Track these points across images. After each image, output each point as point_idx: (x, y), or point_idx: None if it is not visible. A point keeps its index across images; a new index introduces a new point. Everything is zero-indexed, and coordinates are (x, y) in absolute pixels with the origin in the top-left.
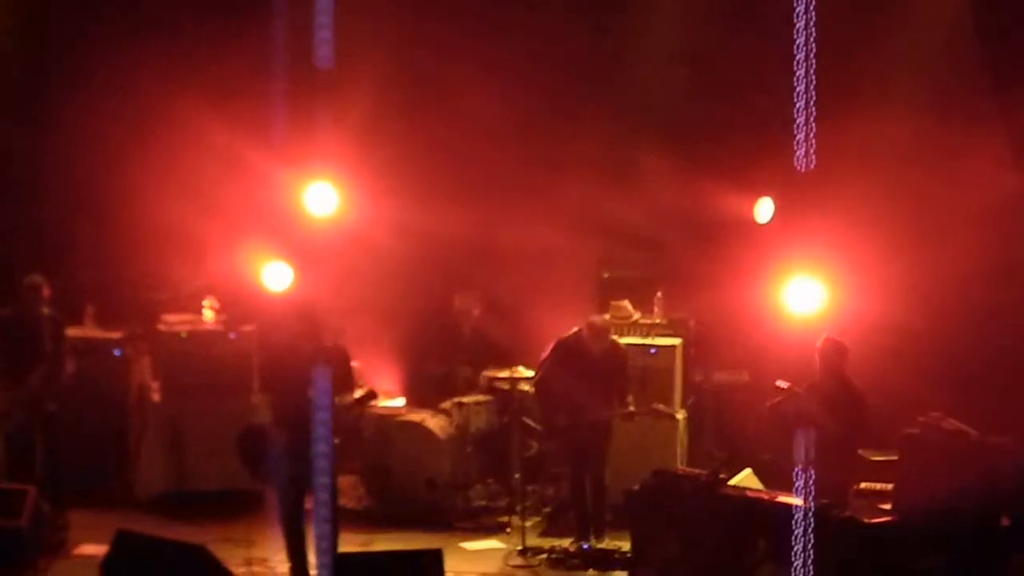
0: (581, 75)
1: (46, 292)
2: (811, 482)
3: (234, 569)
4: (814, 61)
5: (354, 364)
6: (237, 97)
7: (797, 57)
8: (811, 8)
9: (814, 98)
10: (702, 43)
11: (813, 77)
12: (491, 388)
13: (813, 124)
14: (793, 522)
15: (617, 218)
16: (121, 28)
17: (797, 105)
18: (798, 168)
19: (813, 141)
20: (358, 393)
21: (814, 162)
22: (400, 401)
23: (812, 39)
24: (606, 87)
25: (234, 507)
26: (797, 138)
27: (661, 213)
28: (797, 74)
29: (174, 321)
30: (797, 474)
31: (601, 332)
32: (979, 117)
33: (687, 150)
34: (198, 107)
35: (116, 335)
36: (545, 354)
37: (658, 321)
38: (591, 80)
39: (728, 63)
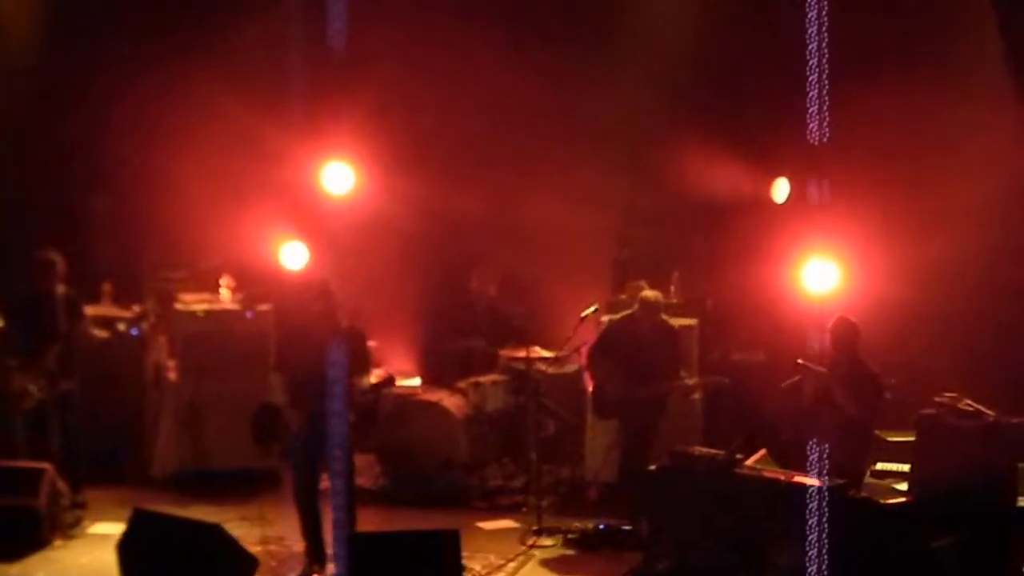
0: (598, 53)
1: (61, 269)
2: (827, 463)
3: (250, 547)
4: (827, 38)
5: (370, 344)
6: (255, 77)
7: (810, 34)
8: None
9: (827, 75)
10: (717, 19)
11: (826, 54)
12: (507, 367)
13: (827, 101)
14: (809, 503)
15: (634, 197)
16: (142, 8)
17: (810, 84)
18: (812, 146)
19: (827, 118)
20: (375, 377)
21: (827, 138)
22: (416, 381)
23: (825, 15)
24: (623, 65)
25: (250, 486)
26: (810, 116)
27: (678, 192)
28: (810, 52)
29: (191, 300)
30: (813, 455)
31: (654, 308)
32: (996, 95)
33: (705, 129)
34: (216, 87)
35: (133, 314)
36: (584, 339)
37: (675, 301)
38: (608, 58)
39: (744, 40)
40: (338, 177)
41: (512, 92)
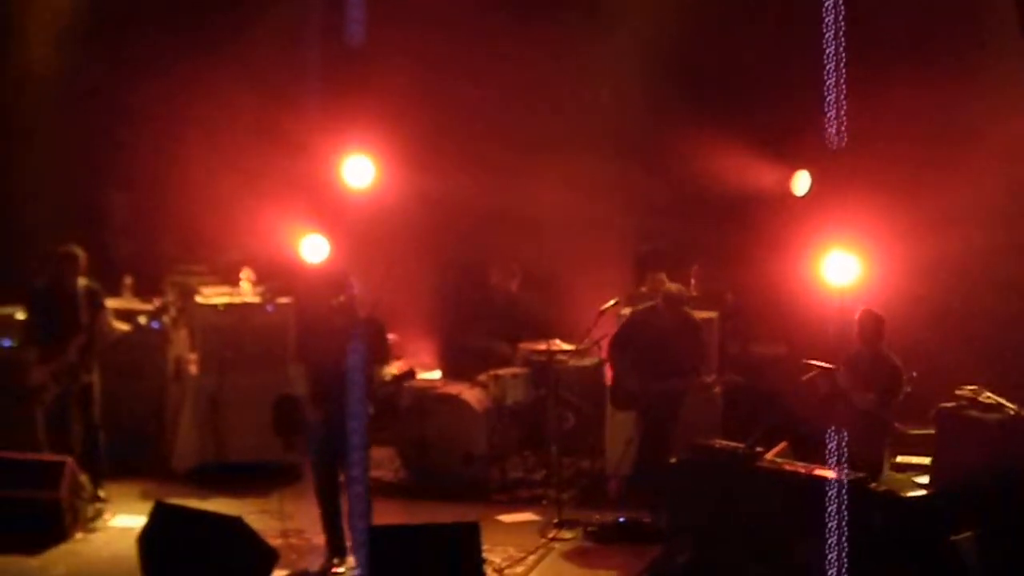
0: (619, 46)
1: (83, 263)
2: (846, 455)
3: (271, 540)
4: (845, 30)
5: (390, 336)
6: (274, 72)
7: (827, 26)
8: None
9: (846, 68)
10: (737, 9)
11: (844, 47)
12: (528, 361)
13: (844, 96)
14: (829, 496)
15: (654, 190)
16: (161, 4)
17: (828, 77)
18: (832, 138)
19: (844, 113)
20: (396, 370)
21: (846, 135)
22: (436, 374)
23: (843, 7)
24: (643, 57)
25: (270, 479)
26: (828, 111)
27: (698, 185)
28: (828, 44)
29: (211, 293)
30: (833, 447)
31: (677, 301)
32: (1017, 89)
33: (725, 122)
34: (235, 82)
35: (154, 307)
36: (605, 332)
37: (694, 294)
38: (628, 51)
39: (764, 32)
40: (358, 170)
41: (531, 86)
